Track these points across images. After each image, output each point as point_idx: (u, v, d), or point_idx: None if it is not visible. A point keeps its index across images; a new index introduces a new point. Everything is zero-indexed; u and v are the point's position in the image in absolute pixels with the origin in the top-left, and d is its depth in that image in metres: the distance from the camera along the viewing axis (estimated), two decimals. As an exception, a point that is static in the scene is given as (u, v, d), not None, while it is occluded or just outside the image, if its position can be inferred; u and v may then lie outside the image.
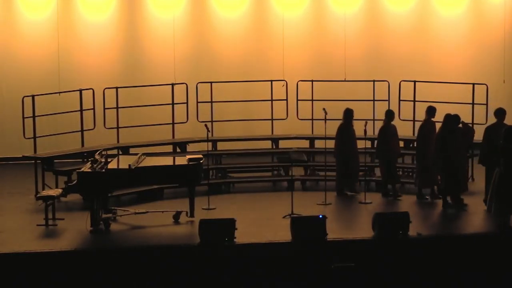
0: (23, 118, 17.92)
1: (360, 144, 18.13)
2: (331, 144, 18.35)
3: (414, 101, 19.18)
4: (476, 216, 15.45)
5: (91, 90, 18.88)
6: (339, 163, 17.05)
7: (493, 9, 21.45)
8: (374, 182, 17.70)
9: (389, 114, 16.89)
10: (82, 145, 18.55)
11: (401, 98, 19.35)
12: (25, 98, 18.01)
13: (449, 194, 15.89)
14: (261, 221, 15.09)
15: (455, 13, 21.54)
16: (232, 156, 19.14)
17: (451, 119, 15.88)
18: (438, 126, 16.32)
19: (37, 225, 14.79)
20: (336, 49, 21.05)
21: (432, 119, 16.64)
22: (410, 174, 18.26)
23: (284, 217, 15.13)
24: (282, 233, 14.02)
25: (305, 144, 19.12)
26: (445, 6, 21.52)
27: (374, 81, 19.41)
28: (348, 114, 17.07)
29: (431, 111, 16.66)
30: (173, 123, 19.26)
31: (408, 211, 14.42)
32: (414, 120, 18.99)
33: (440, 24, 21.55)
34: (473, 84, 18.83)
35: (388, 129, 16.79)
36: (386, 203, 16.39)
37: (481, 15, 21.55)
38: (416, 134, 17.16)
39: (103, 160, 14.94)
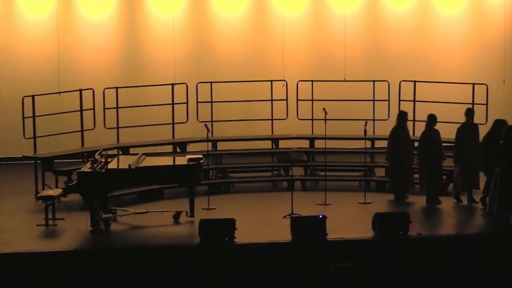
0: (23, 118, 17.92)
1: (360, 144, 18.18)
2: (331, 144, 18.40)
3: (414, 101, 19.18)
4: (476, 216, 15.46)
5: (91, 90, 18.88)
6: (392, 166, 16.65)
7: (493, 9, 21.44)
8: (374, 182, 17.71)
9: (431, 119, 16.38)
10: (82, 145, 18.55)
11: (401, 98, 19.35)
12: (25, 98, 18.01)
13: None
14: (261, 221, 15.10)
15: (455, 13, 21.53)
16: (232, 156, 19.13)
17: (502, 124, 15.52)
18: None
19: (37, 225, 14.79)
20: (336, 48, 21.03)
21: (471, 121, 16.33)
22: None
23: (284, 217, 15.13)
24: (282, 233, 14.02)
25: (305, 144, 19.11)
26: (445, 6, 21.50)
27: (374, 81, 19.41)
28: (401, 116, 16.65)
29: (470, 113, 16.36)
30: (173, 123, 19.26)
31: (408, 211, 14.41)
32: (414, 120, 18.98)
33: (440, 24, 21.54)
34: (473, 84, 18.83)
35: (430, 134, 16.30)
36: (386, 203, 16.37)
37: (481, 15, 21.55)
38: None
39: (103, 160, 14.93)
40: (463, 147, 16.15)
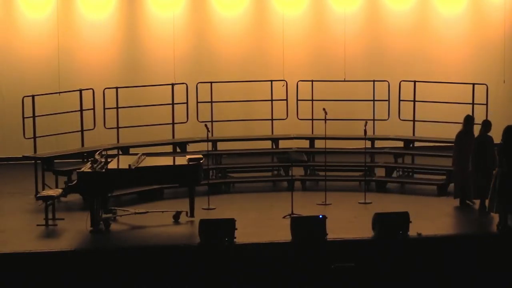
0: (23, 118, 17.92)
1: (360, 144, 18.17)
2: (331, 144, 18.39)
3: (414, 101, 19.16)
4: (476, 216, 15.45)
5: (91, 90, 18.88)
6: (457, 172, 16.24)
7: (493, 8, 21.41)
8: (374, 182, 17.70)
9: (486, 125, 15.90)
10: (82, 145, 18.55)
11: (401, 98, 19.35)
12: (25, 98, 18.01)
13: None
14: (261, 221, 15.10)
15: (455, 12, 21.50)
16: (232, 156, 19.13)
17: None
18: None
19: (37, 225, 14.79)
20: (336, 48, 21.01)
21: None
22: (410, 174, 18.29)
23: (284, 217, 15.13)
24: (282, 233, 14.02)
25: (305, 144, 19.10)
26: (445, 5, 21.47)
27: (374, 81, 19.39)
28: (469, 121, 16.25)
29: None
30: (173, 123, 19.25)
31: (408, 211, 14.41)
32: (414, 120, 18.98)
33: (440, 23, 21.52)
34: (473, 84, 18.82)
35: (484, 140, 15.74)
36: (386, 203, 16.36)
37: (481, 14, 21.52)
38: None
39: (103, 160, 14.93)
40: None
